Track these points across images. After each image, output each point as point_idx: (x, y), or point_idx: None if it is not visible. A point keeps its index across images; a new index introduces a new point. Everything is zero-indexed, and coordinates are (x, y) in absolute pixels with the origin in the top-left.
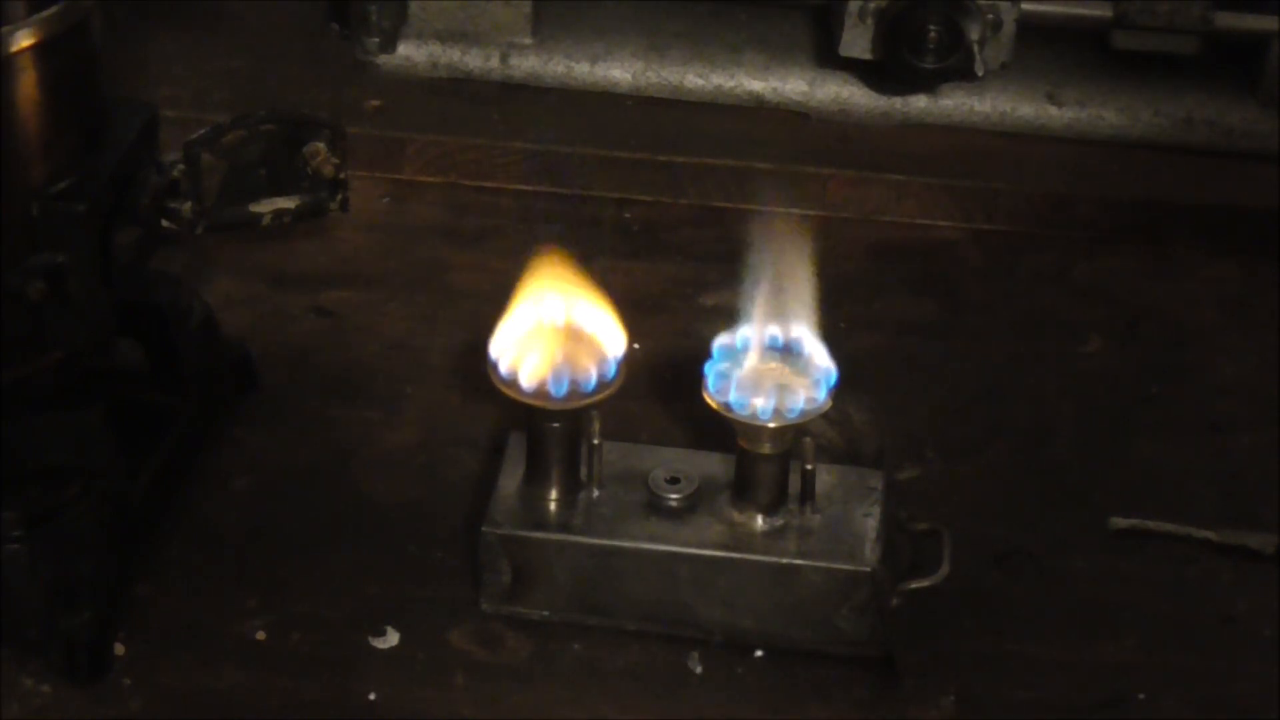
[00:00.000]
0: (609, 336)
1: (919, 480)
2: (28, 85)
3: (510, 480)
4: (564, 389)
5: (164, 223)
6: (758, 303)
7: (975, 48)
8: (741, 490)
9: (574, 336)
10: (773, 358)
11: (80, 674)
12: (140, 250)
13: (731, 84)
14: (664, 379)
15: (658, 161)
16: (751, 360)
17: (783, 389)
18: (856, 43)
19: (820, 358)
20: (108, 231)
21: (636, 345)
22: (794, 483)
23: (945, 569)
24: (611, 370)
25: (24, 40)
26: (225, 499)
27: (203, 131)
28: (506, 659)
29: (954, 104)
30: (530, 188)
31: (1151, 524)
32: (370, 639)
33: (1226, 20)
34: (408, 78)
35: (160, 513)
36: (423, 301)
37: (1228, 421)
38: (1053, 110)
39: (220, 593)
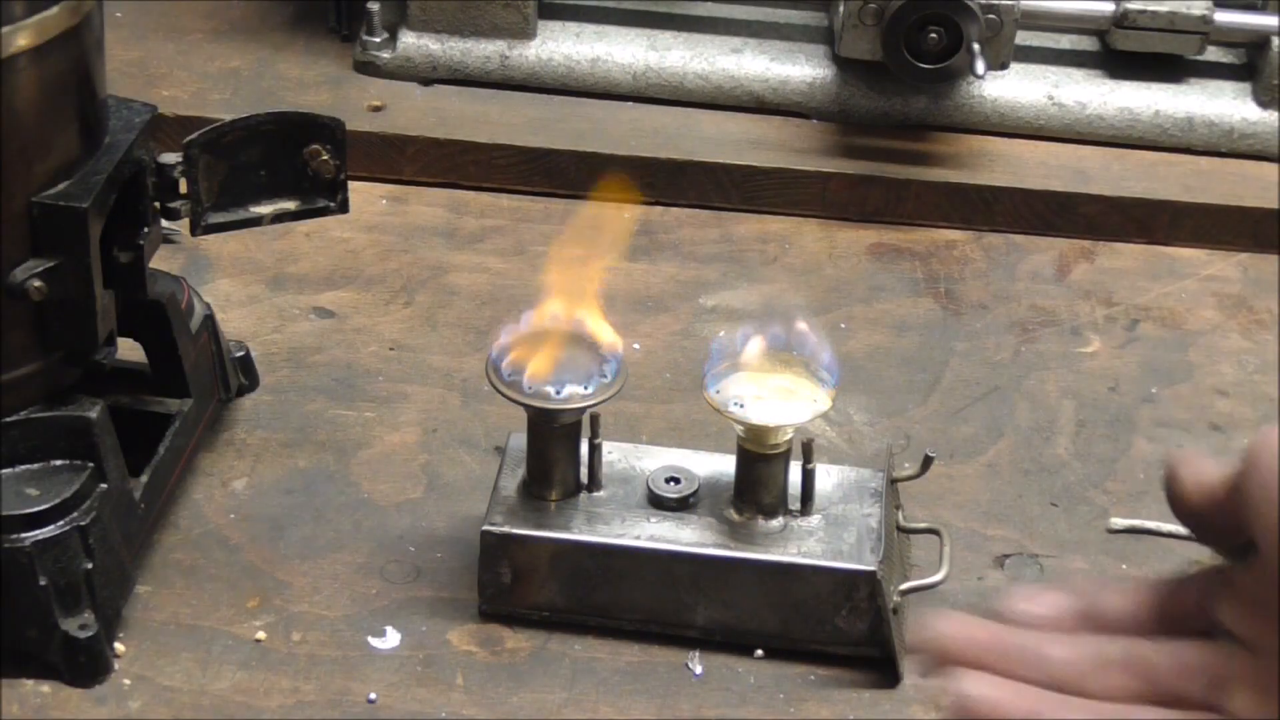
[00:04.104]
0: (608, 337)
1: (919, 480)
2: (27, 85)
3: (510, 480)
4: (564, 390)
5: (164, 223)
6: None
7: (975, 48)
8: (741, 490)
9: (574, 337)
10: (773, 358)
11: (80, 674)
12: (140, 250)
13: (731, 84)
14: (664, 379)
15: (658, 161)
16: (751, 360)
17: (782, 389)
18: (856, 43)
19: (821, 357)
20: (108, 231)
21: (637, 345)
22: (794, 483)
23: (945, 569)
24: (611, 370)
25: (23, 40)
26: (225, 499)
27: (203, 131)
28: (506, 659)
29: (954, 104)
30: (530, 188)
31: (1151, 524)
32: (370, 639)
33: (1226, 20)
34: (408, 78)
35: (160, 513)
36: (423, 301)
37: (1228, 421)
38: (1053, 110)
39: (220, 593)
